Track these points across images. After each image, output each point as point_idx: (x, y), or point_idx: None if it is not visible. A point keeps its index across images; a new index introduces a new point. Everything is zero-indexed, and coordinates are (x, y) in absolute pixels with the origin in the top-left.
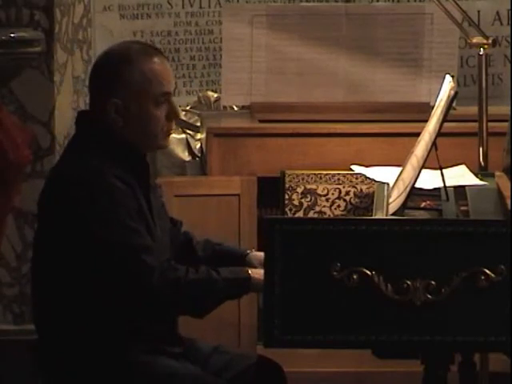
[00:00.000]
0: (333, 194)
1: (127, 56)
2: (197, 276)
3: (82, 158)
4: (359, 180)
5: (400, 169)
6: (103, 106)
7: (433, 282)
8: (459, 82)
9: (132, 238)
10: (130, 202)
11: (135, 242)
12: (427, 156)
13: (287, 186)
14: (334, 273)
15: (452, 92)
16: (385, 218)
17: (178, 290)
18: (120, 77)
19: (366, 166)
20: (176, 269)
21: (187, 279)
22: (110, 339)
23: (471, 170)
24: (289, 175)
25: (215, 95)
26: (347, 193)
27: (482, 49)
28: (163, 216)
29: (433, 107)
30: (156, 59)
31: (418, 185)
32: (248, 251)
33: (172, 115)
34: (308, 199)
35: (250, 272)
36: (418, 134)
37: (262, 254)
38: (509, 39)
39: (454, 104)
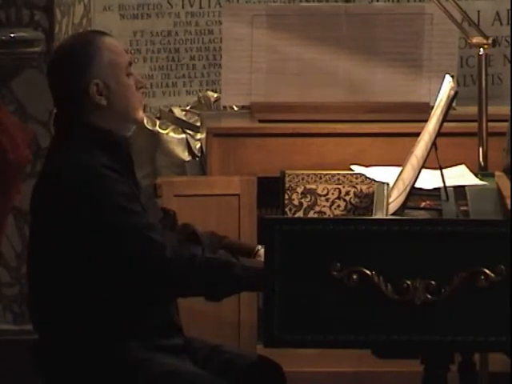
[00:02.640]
0: (333, 193)
1: (87, 41)
2: (214, 256)
3: (70, 153)
4: (359, 180)
5: (400, 169)
6: (85, 93)
7: (433, 282)
8: (459, 82)
9: (133, 219)
10: (123, 187)
11: (137, 221)
12: (427, 156)
13: (287, 185)
14: (334, 273)
15: (452, 92)
16: (385, 218)
17: (193, 265)
18: (92, 59)
19: (366, 166)
20: (190, 247)
21: (204, 257)
22: (108, 336)
23: (471, 170)
24: (289, 175)
25: (215, 95)
26: (347, 193)
27: (481, 49)
28: (152, 207)
29: (433, 107)
30: (108, 36)
31: (417, 185)
32: (259, 247)
33: (139, 84)
34: (308, 199)
35: None
36: (417, 134)
37: None
38: (509, 39)
39: (453, 104)
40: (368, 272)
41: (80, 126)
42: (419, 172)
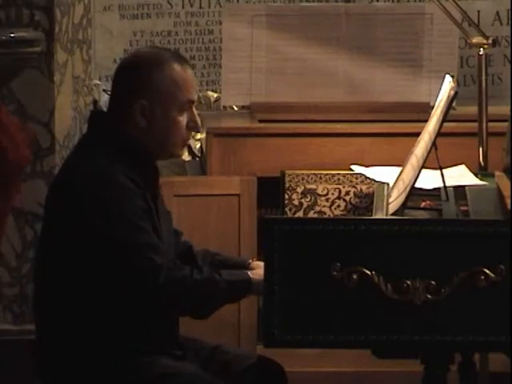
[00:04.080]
0: (333, 194)
1: (159, 60)
2: (201, 276)
3: (93, 157)
4: (359, 180)
5: (400, 169)
6: (129, 106)
7: (433, 282)
8: (459, 82)
9: (139, 237)
10: (138, 201)
11: (142, 240)
12: (427, 156)
13: (287, 185)
14: (334, 273)
15: (452, 92)
16: (385, 218)
17: (183, 289)
18: (150, 80)
19: (366, 166)
20: (182, 268)
21: (192, 279)
22: (110, 340)
23: (471, 170)
24: (289, 175)
25: (215, 95)
26: (347, 193)
27: (481, 49)
28: (169, 220)
29: (433, 107)
30: (186, 67)
31: (417, 185)
32: (250, 260)
33: (192, 124)
34: (308, 199)
35: (250, 274)
36: (417, 134)
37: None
38: (509, 39)
39: (453, 104)
40: (368, 272)
41: (113, 131)
42: (419, 172)
